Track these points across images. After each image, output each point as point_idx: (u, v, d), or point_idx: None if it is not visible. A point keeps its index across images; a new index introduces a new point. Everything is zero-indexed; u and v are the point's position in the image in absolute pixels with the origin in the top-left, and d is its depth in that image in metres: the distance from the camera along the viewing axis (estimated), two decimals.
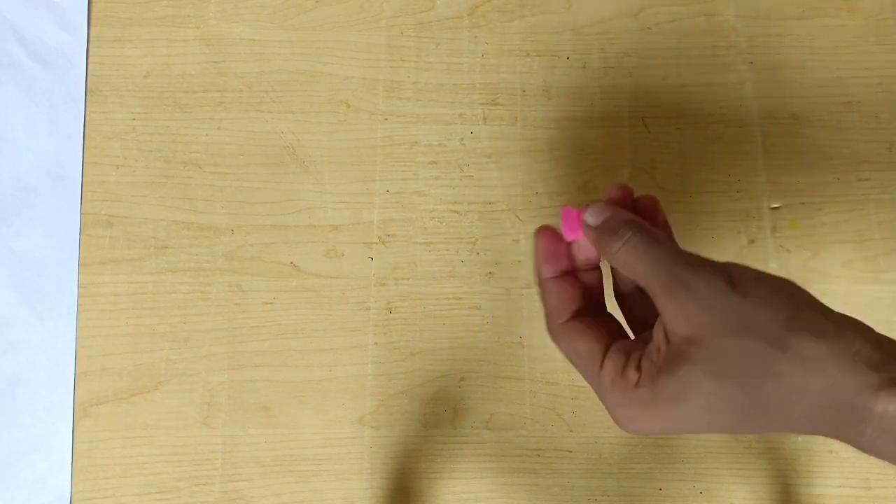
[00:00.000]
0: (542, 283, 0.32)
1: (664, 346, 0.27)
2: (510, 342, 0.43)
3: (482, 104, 0.45)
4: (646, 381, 0.27)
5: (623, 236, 0.28)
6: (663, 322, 0.27)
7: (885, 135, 0.45)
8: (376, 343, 0.43)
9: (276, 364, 0.43)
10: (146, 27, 0.46)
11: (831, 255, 0.44)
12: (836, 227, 0.44)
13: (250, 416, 0.42)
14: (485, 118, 0.45)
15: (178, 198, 0.44)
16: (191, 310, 0.43)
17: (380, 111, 0.45)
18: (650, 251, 0.28)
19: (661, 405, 0.26)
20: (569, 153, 0.45)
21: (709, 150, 0.45)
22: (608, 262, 0.31)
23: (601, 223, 0.30)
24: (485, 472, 0.42)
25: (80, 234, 0.43)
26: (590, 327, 0.30)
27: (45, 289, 0.43)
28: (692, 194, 0.44)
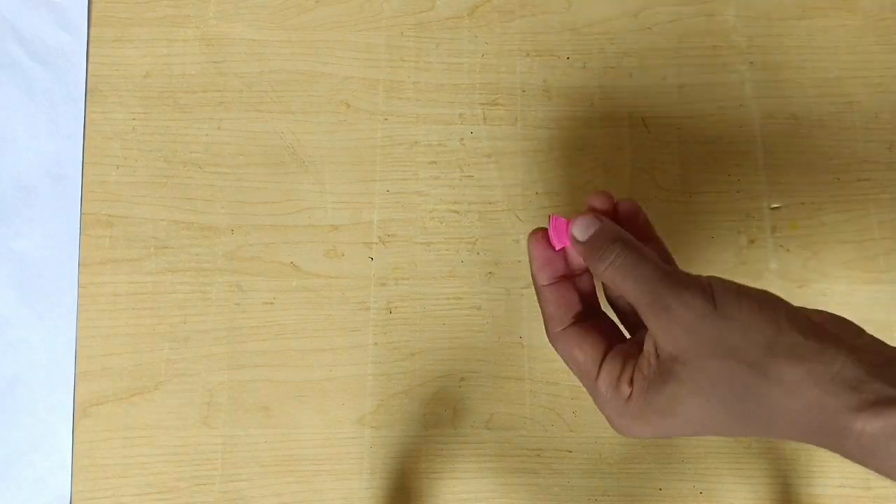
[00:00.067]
0: (538, 290, 0.32)
1: (654, 361, 0.28)
2: (510, 342, 0.43)
3: (482, 104, 0.45)
4: (637, 396, 0.28)
5: (608, 258, 0.29)
6: (653, 337, 0.28)
7: (885, 135, 0.45)
8: (376, 343, 0.43)
9: (276, 364, 0.43)
10: (146, 27, 0.46)
11: (831, 255, 0.44)
12: (836, 227, 0.44)
13: (250, 416, 0.42)
14: (485, 118, 0.45)
15: (178, 198, 0.44)
16: (191, 310, 0.43)
17: (380, 111, 0.45)
18: (634, 271, 0.28)
19: (650, 417, 0.28)
20: (569, 153, 0.45)
21: (709, 150, 0.45)
22: (596, 277, 0.32)
23: (588, 240, 0.30)
24: (485, 472, 0.42)
25: (80, 234, 0.43)
26: (587, 335, 0.31)
27: (45, 289, 0.43)
28: (692, 194, 0.44)
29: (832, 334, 0.26)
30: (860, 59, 0.46)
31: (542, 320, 0.32)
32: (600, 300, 0.34)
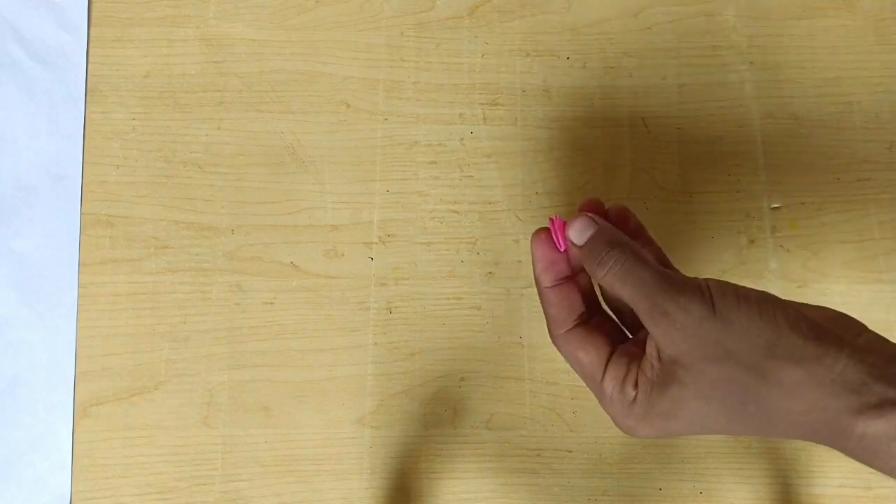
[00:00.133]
0: (542, 292, 0.32)
1: (656, 363, 0.28)
2: (510, 342, 0.43)
3: (482, 104, 0.45)
4: (641, 398, 0.28)
5: (606, 263, 0.29)
6: (654, 341, 0.28)
7: (885, 135, 0.45)
8: (376, 343, 0.43)
9: (276, 364, 0.43)
10: (146, 27, 0.46)
11: (831, 255, 0.44)
12: (836, 227, 0.44)
13: (250, 416, 0.42)
14: (485, 118, 0.45)
15: (178, 198, 0.44)
16: (191, 310, 0.43)
17: (380, 111, 0.45)
18: (633, 276, 0.28)
19: (654, 419, 0.28)
20: (569, 153, 0.45)
21: (709, 150, 0.45)
22: (595, 281, 0.32)
23: (585, 244, 0.30)
24: (485, 472, 0.42)
25: (80, 234, 0.43)
26: (591, 336, 0.31)
27: (45, 289, 0.43)
28: (692, 194, 0.44)
29: (833, 334, 0.26)
30: (860, 59, 0.46)
31: (545, 321, 0.32)
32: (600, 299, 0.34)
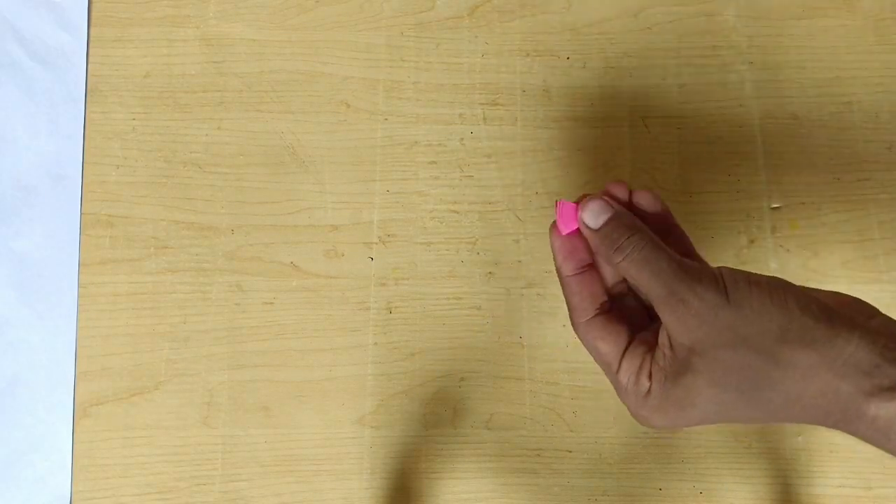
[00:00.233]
0: (563, 280, 0.32)
1: (668, 352, 0.28)
2: (510, 342, 0.43)
3: (482, 104, 0.45)
4: (656, 389, 0.28)
5: (625, 250, 0.29)
6: (666, 329, 0.28)
7: (885, 135, 0.45)
8: (376, 343, 0.43)
9: (276, 364, 0.43)
10: (146, 27, 0.46)
11: (831, 255, 0.44)
12: (836, 227, 0.44)
13: (250, 416, 0.42)
14: (485, 118, 0.45)
15: (178, 198, 0.44)
16: (191, 310, 0.43)
17: (380, 111, 0.45)
18: (651, 264, 0.28)
19: (668, 409, 0.28)
20: (569, 153, 0.45)
21: (709, 150, 0.45)
22: (606, 263, 0.32)
23: (601, 228, 0.30)
24: (485, 472, 0.42)
25: (80, 234, 0.43)
26: (611, 325, 0.31)
27: (45, 289, 0.43)
28: (692, 194, 0.44)
29: (845, 317, 0.26)
30: (860, 59, 0.46)
31: (567, 310, 0.32)
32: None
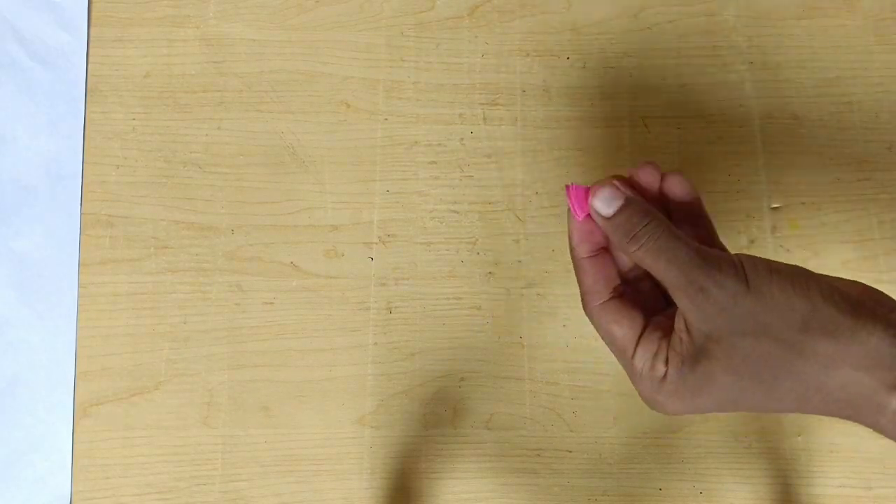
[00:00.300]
0: (577, 262, 0.31)
1: (686, 338, 0.28)
2: (510, 342, 0.43)
3: (482, 104, 0.45)
4: (672, 375, 0.28)
5: (640, 239, 0.28)
6: (684, 316, 0.28)
7: (885, 135, 0.45)
8: (376, 343, 0.43)
9: (276, 364, 0.43)
10: (146, 27, 0.46)
11: (831, 255, 0.44)
12: (836, 227, 0.44)
13: (250, 416, 0.42)
14: (485, 118, 0.45)
15: (178, 198, 0.44)
16: (191, 310, 0.43)
17: (380, 111, 0.45)
18: (667, 252, 0.28)
19: (684, 395, 0.28)
20: (569, 153, 0.45)
21: (709, 150, 0.45)
22: (621, 252, 0.31)
23: (614, 216, 0.29)
24: (485, 472, 0.42)
25: (80, 234, 0.43)
26: (626, 309, 0.30)
27: (45, 289, 0.43)
28: None
29: (868, 309, 0.26)
30: (860, 59, 0.46)
31: (580, 293, 0.31)
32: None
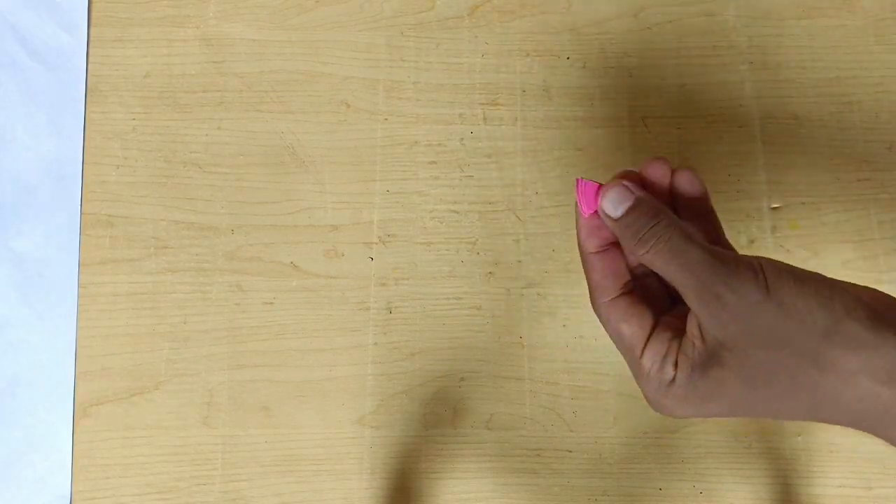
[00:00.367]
0: (585, 257, 0.30)
1: (699, 343, 0.27)
2: (510, 342, 0.43)
3: (482, 104, 0.45)
4: (681, 380, 0.27)
5: (648, 241, 0.27)
6: (697, 321, 0.27)
7: (885, 135, 0.45)
8: (376, 343, 0.43)
9: (276, 364, 0.43)
10: (146, 27, 0.46)
11: (831, 255, 0.44)
12: (836, 227, 0.44)
13: (250, 416, 0.42)
14: (485, 118, 0.45)
15: (178, 198, 0.44)
16: (191, 310, 0.43)
17: (380, 111, 0.45)
18: (679, 255, 0.27)
19: (692, 400, 0.27)
20: (569, 153, 0.45)
21: (709, 150, 0.45)
22: (631, 254, 0.30)
23: (622, 217, 0.28)
24: (485, 472, 0.42)
25: (80, 234, 0.43)
26: (635, 307, 0.29)
27: (45, 289, 0.43)
28: None
29: (890, 323, 0.25)
30: (860, 59, 0.46)
31: (588, 289, 0.30)
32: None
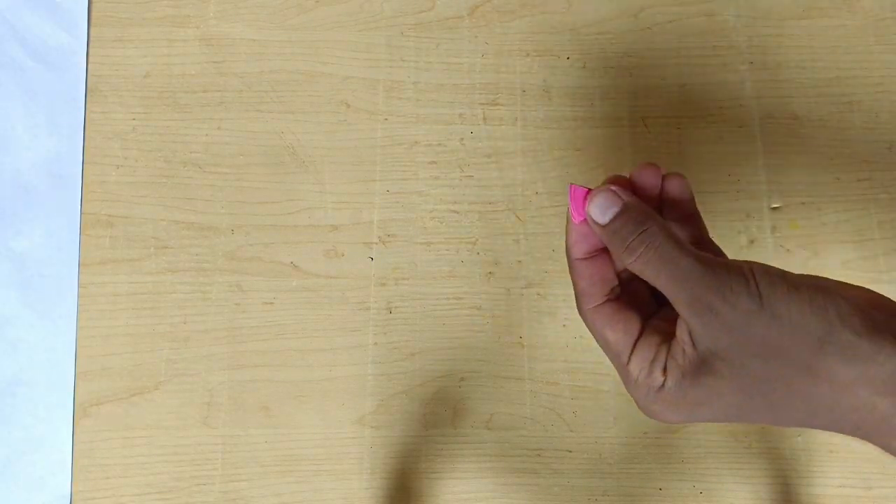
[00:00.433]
0: (572, 263, 0.30)
1: (689, 349, 0.26)
2: (510, 342, 0.43)
3: (482, 104, 0.45)
4: (671, 386, 0.27)
5: (636, 249, 0.27)
6: (688, 329, 0.26)
7: (885, 135, 0.45)
8: (376, 343, 0.43)
9: (276, 364, 0.43)
10: (146, 27, 0.46)
11: (831, 255, 0.44)
12: (836, 227, 0.44)
13: (250, 416, 0.42)
14: (485, 118, 0.45)
15: (178, 198, 0.44)
16: (191, 310, 0.43)
17: (380, 111, 0.45)
18: (668, 264, 0.26)
19: (683, 406, 0.27)
20: (569, 153, 0.45)
21: (709, 150, 0.45)
22: (620, 262, 0.30)
23: (609, 223, 0.28)
24: (485, 472, 0.42)
25: (80, 234, 0.43)
26: (620, 313, 0.29)
27: (45, 289, 0.43)
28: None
29: (885, 330, 0.24)
30: (860, 59, 0.46)
31: (574, 294, 0.30)
32: None
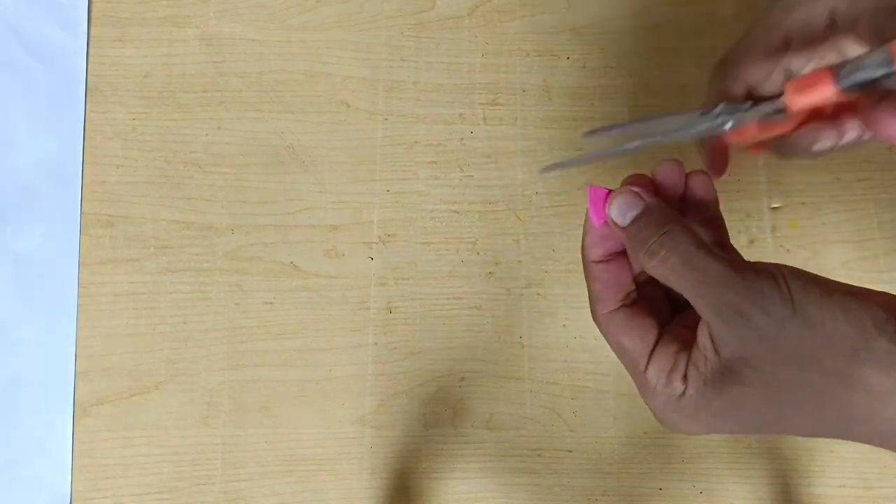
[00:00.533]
0: (587, 266, 0.29)
1: (713, 357, 0.25)
2: (510, 342, 0.43)
3: (482, 104, 0.45)
4: (692, 395, 0.25)
5: (657, 254, 0.26)
6: (712, 335, 0.25)
7: None
8: (376, 343, 0.43)
9: (276, 364, 0.43)
10: (146, 27, 0.46)
11: (831, 255, 0.44)
12: (836, 227, 0.44)
13: (250, 416, 0.42)
14: (485, 118, 0.45)
15: (178, 198, 0.44)
16: (191, 310, 0.43)
17: (380, 111, 0.45)
18: (693, 269, 0.25)
19: (705, 417, 0.26)
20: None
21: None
22: (639, 266, 0.28)
23: (630, 225, 0.27)
24: (485, 472, 0.42)
25: (80, 234, 0.43)
26: (637, 319, 0.28)
27: (45, 289, 0.43)
28: None
29: None
30: None
31: (588, 297, 0.29)
32: None
